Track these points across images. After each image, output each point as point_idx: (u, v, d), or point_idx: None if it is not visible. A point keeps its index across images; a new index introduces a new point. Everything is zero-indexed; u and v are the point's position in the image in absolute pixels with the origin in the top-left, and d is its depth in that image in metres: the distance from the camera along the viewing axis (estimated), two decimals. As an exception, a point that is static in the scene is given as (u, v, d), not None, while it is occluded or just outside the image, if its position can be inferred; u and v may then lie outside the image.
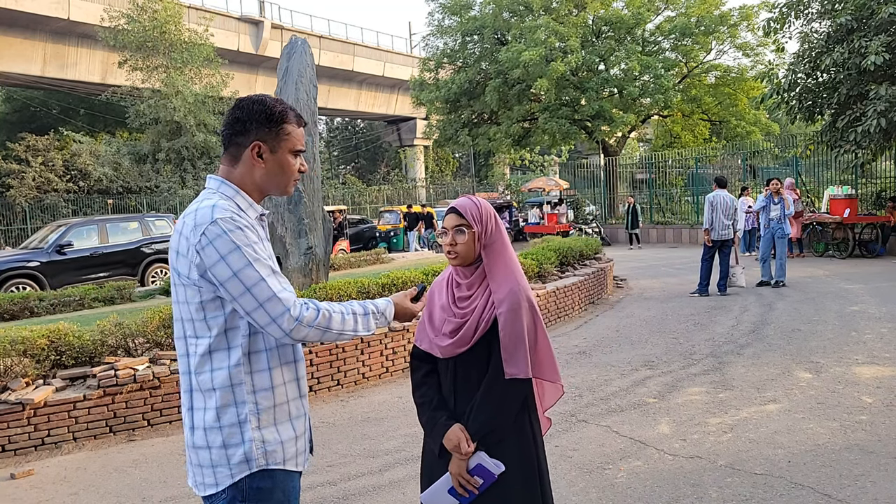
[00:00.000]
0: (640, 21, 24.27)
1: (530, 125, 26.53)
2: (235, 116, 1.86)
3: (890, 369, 5.70)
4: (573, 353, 6.96)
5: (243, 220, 1.77)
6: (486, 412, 2.08)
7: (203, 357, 1.77)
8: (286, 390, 1.85)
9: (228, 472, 1.75)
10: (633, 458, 4.12)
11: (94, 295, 10.27)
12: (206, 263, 1.71)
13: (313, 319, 1.75)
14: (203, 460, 1.77)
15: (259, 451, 1.76)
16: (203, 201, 1.80)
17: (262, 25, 34.90)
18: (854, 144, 13.26)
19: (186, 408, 1.82)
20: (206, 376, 1.77)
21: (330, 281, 7.29)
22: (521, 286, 2.12)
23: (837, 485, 3.59)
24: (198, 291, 1.75)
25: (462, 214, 2.16)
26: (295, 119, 1.91)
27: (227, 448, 1.75)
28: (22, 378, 4.96)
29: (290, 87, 7.36)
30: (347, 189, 38.59)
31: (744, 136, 24.12)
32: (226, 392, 1.75)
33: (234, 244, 1.71)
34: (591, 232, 21.25)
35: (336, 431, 4.98)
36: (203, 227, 1.72)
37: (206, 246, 1.71)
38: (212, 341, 1.76)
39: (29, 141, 28.22)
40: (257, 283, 1.70)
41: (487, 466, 2.07)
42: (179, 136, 25.88)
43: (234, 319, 1.76)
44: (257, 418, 1.77)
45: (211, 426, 1.76)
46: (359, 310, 1.89)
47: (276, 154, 1.87)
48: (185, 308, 1.79)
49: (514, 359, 2.06)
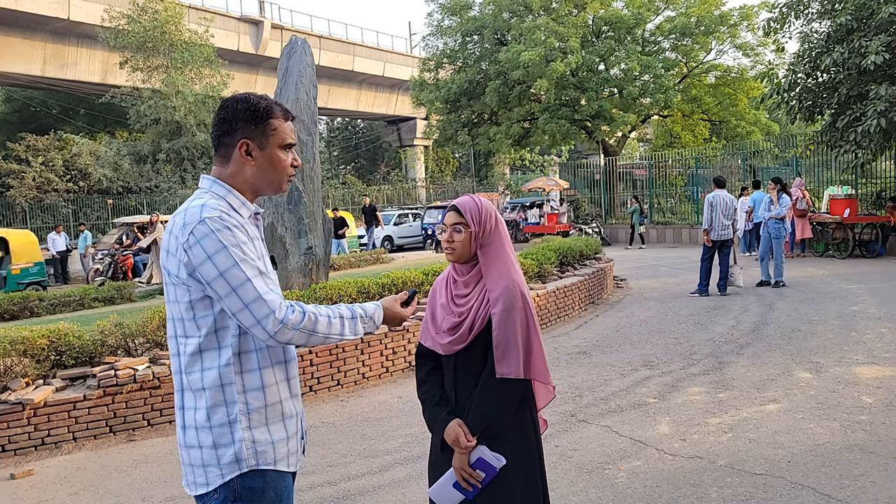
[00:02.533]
0: (640, 21, 24.27)
1: (530, 125, 26.52)
2: (221, 117, 1.86)
3: (890, 369, 5.70)
4: (573, 353, 6.96)
5: (232, 220, 1.76)
6: (483, 408, 2.13)
7: (193, 356, 1.77)
8: (278, 390, 1.83)
9: (219, 472, 1.75)
10: (633, 458, 4.12)
11: (94, 295, 10.28)
12: (194, 262, 1.71)
13: (298, 322, 1.74)
14: (194, 460, 1.77)
15: (249, 452, 1.76)
16: (193, 200, 1.80)
17: (262, 25, 34.89)
18: (854, 144, 13.27)
19: (178, 406, 1.82)
20: (196, 376, 1.76)
21: (330, 281, 7.29)
22: (516, 285, 2.15)
23: (837, 485, 3.59)
24: (187, 290, 1.75)
25: (461, 213, 2.20)
26: (281, 113, 1.90)
27: (218, 448, 1.75)
28: (22, 378, 4.96)
29: (290, 87, 7.37)
30: (347, 189, 38.59)
31: (744, 136, 24.11)
32: (216, 391, 1.75)
33: (222, 244, 1.70)
34: (591, 232, 21.25)
35: (336, 431, 4.98)
36: (191, 226, 1.72)
37: (193, 245, 1.71)
38: (201, 341, 1.76)
39: (29, 141, 28.20)
40: (243, 283, 1.69)
41: (488, 460, 2.11)
42: (180, 136, 25.88)
43: (223, 319, 1.76)
44: (248, 418, 1.77)
45: (202, 426, 1.76)
46: (346, 313, 1.87)
47: (266, 150, 1.86)
48: (176, 307, 1.79)
49: (506, 358, 2.10)
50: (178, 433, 1.83)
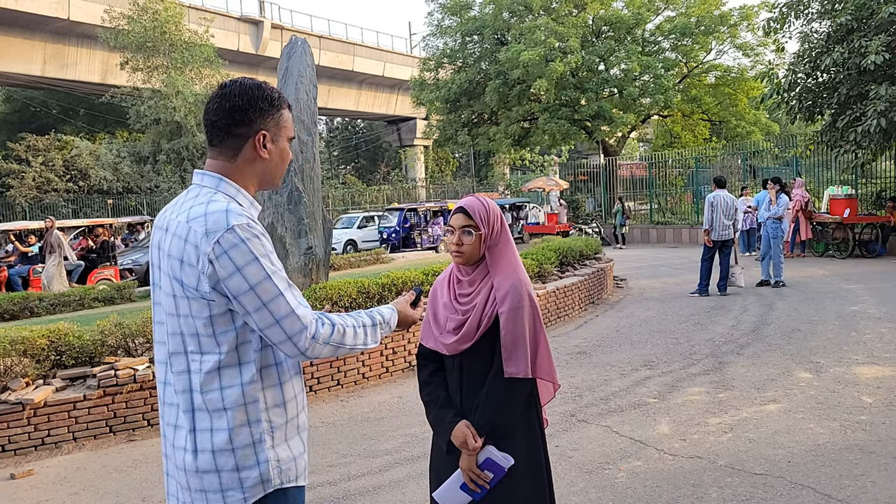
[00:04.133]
0: (640, 21, 24.29)
1: (530, 125, 26.53)
2: (235, 105, 1.68)
3: (890, 369, 5.70)
4: (573, 353, 6.96)
5: (259, 227, 1.62)
6: (491, 409, 2.11)
7: (210, 374, 1.61)
8: (296, 403, 1.74)
9: (241, 497, 1.61)
10: (633, 458, 4.12)
11: (94, 295, 10.28)
12: (220, 275, 1.55)
13: (329, 336, 1.65)
14: (209, 485, 1.61)
15: (275, 472, 1.64)
16: (209, 204, 1.62)
17: (262, 25, 34.91)
18: (854, 144, 13.26)
19: (187, 429, 1.63)
20: (215, 395, 1.60)
21: (330, 281, 7.29)
22: (522, 283, 2.15)
23: (837, 485, 3.59)
24: (207, 305, 1.59)
25: (471, 215, 2.18)
26: (287, 104, 1.80)
27: (241, 471, 1.61)
28: (22, 378, 4.96)
29: (290, 87, 7.36)
30: (347, 189, 38.58)
31: (744, 136, 24.12)
32: (239, 411, 1.60)
33: (253, 255, 1.56)
34: (591, 232, 21.26)
35: (336, 431, 4.98)
36: (217, 234, 1.55)
37: (220, 255, 1.55)
38: (222, 358, 1.60)
39: (29, 141, 28.23)
40: (275, 297, 1.57)
41: (497, 460, 2.10)
42: (180, 136, 25.87)
43: (245, 333, 1.62)
44: (272, 437, 1.65)
45: (222, 448, 1.60)
46: (367, 321, 1.80)
47: (278, 143, 1.75)
48: (190, 322, 1.62)
49: (515, 358, 2.09)
50: (183, 457, 1.64)
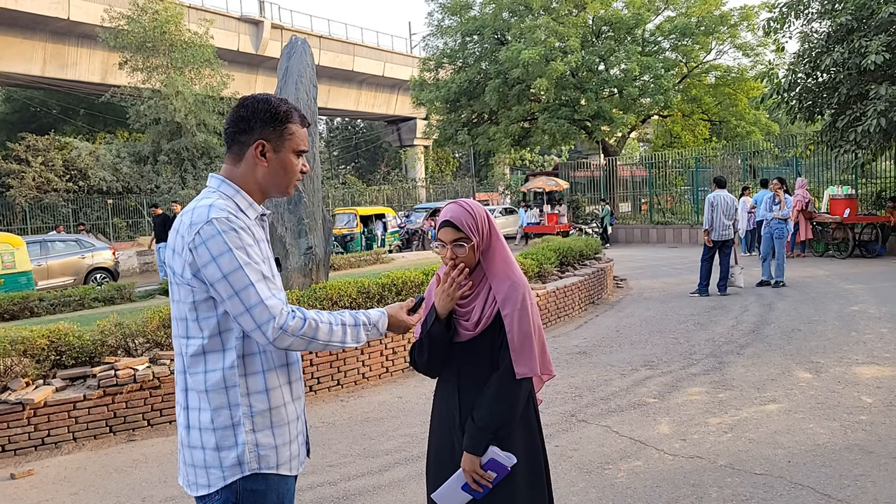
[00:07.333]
0: (640, 21, 24.28)
1: (530, 125, 26.53)
2: (240, 115, 1.85)
3: (890, 369, 5.70)
4: (573, 353, 6.96)
5: (239, 222, 1.76)
6: (499, 413, 2.09)
7: (195, 357, 1.76)
8: (281, 393, 1.83)
9: (221, 475, 1.75)
10: (633, 458, 4.12)
11: (94, 295, 10.27)
12: (199, 263, 1.71)
13: (298, 329, 1.73)
14: (196, 460, 1.77)
15: (252, 455, 1.76)
16: (201, 200, 1.80)
17: (262, 25, 34.88)
18: (854, 144, 13.26)
19: (182, 406, 1.81)
20: (199, 377, 1.76)
21: (330, 281, 7.29)
22: (519, 282, 2.15)
23: (837, 485, 3.59)
24: (191, 291, 1.75)
25: (459, 228, 2.11)
26: (299, 119, 1.91)
27: (220, 450, 1.75)
28: (22, 378, 4.96)
29: (290, 87, 7.36)
30: (347, 189, 38.58)
31: (744, 136, 24.11)
32: (220, 394, 1.75)
33: (227, 246, 1.70)
34: (591, 232, 21.25)
35: (336, 431, 4.98)
36: (198, 226, 1.71)
37: (199, 245, 1.70)
38: (205, 343, 1.75)
39: (29, 141, 28.19)
40: (245, 287, 1.69)
41: (500, 460, 2.10)
42: (180, 136, 25.85)
43: (227, 321, 1.75)
44: (251, 421, 1.76)
45: (205, 427, 1.75)
46: (349, 320, 1.85)
47: (280, 154, 1.87)
48: (181, 307, 1.78)
49: (524, 358, 2.08)
50: (180, 432, 1.83)
